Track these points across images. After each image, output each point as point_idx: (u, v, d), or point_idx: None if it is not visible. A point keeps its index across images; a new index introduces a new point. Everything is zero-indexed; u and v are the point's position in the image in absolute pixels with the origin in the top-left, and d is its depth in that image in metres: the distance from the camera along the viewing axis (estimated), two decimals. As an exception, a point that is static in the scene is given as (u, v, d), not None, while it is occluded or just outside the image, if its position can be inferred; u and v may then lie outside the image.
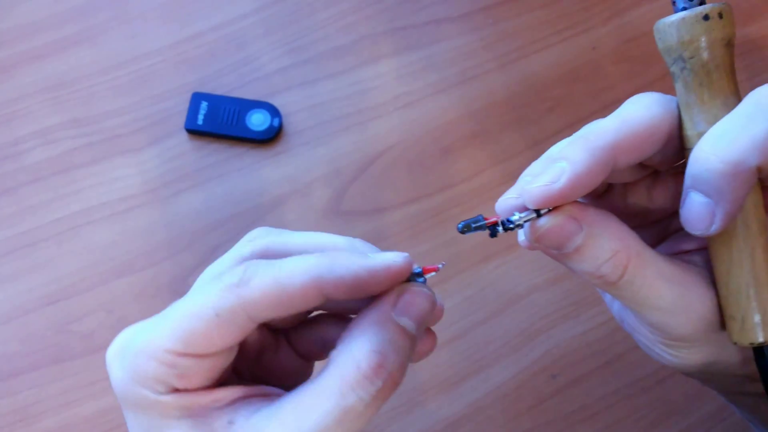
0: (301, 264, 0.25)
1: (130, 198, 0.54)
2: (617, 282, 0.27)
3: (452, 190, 0.56)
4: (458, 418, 0.50)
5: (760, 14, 0.62)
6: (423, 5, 0.60)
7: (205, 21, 0.59)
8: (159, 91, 0.57)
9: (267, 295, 0.24)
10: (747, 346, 0.28)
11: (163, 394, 0.25)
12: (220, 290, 0.25)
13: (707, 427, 0.50)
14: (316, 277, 0.24)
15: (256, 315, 0.25)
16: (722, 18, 0.26)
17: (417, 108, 0.58)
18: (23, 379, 0.49)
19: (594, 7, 0.61)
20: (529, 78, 0.59)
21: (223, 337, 0.25)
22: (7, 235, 0.53)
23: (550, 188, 0.25)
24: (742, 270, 0.27)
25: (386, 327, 0.25)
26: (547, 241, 0.27)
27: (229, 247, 0.30)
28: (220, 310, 0.25)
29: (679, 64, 0.27)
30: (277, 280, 0.25)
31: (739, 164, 0.24)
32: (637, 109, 0.27)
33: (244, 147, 0.56)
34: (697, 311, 0.28)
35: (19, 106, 0.56)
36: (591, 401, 0.51)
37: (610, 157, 0.26)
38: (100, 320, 0.51)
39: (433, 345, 0.29)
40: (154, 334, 0.25)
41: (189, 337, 0.25)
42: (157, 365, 0.25)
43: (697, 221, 0.26)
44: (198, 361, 0.25)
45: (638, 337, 0.32)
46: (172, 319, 0.25)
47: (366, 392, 0.24)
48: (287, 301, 0.25)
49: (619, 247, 0.27)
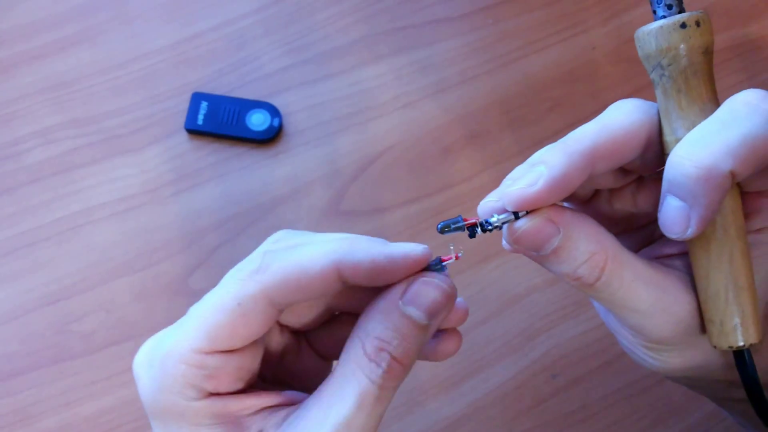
0: (322, 247, 0.25)
1: (130, 198, 0.54)
2: (594, 284, 0.27)
3: (452, 190, 0.56)
4: (458, 418, 0.50)
5: (760, 14, 0.62)
6: (423, 5, 0.60)
7: (205, 21, 0.59)
8: (159, 91, 0.57)
9: (287, 279, 0.25)
10: (726, 349, 0.28)
11: (194, 400, 0.25)
12: (240, 279, 0.25)
13: (707, 427, 0.50)
14: (336, 260, 0.25)
15: (277, 299, 0.25)
16: (700, 26, 0.26)
17: (417, 108, 0.58)
18: (23, 379, 0.49)
19: (593, 8, 0.61)
20: (529, 78, 0.59)
21: (247, 326, 0.25)
22: (7, 235, 0.53)
23: (527, 191, 0.26)
24: (721, 273, 0.27)
25: (391, 314, 0.26)
26: (525, 243, 0.27)
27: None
28: (242, 299, 0.25)
29: (658, 71, 0.27)
30: (298, 263, 0.25)
31: (713, 169, 0.24)
32: (617, 114, 0.28)
33: (244, 147, 0.56)
34: (676, 314, 0.28)
35: (19, 106, 0.56)
36: (591, 401, 0.51)
37: (588, 162, 0.26)
38: (100, 320, 0.51)
39: (456, 345, 0.29)
40: (179, 336, 0.25)
41: (213, 331, 0.25)
42: (186, 368, 0.25)
43: (673, 225, 0.26)
44: (225, 358, 0.25)
45: (621, 339, 0.32)
46: (195, 318, 0.25)
47: (374, 375, 0.25)
48: (307, 284, 0.25)
49: (595, 249, 0.27)
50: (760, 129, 0.25)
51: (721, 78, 0.60)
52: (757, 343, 0.28)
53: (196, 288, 0.52)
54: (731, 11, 0.62)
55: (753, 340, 0.28)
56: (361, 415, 0.25)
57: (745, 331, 0.27)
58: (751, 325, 0.28)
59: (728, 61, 0.61)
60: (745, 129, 0.25)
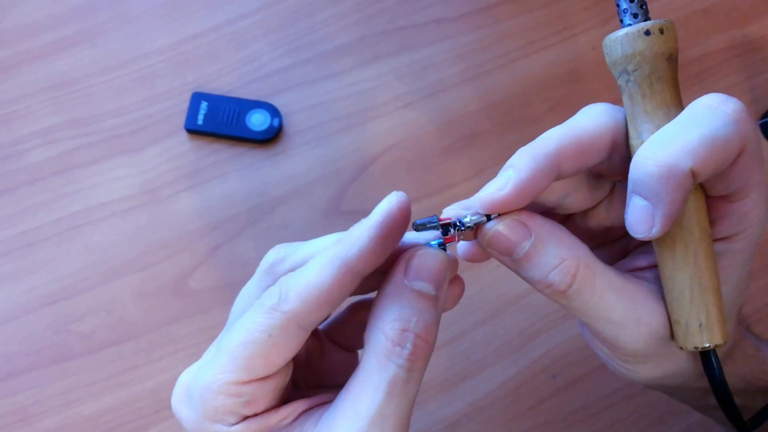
0: (323, 259, 0.26)
1: (130, 198, 0.54)
2: (566, 291, 0.27)
3: (452, 190, 0.56)
4: (458, 418, 0.50)
5: (760, 14, 0.62)
6: (423, 5, 0.60)
7: (205, 21, 0.59)
8: (159, 91, 0.57)
9: (309, 302, 0.25)
10: (692, 350, 0.28)
11: (234, 424, 0.26)
12: (266, 313, 0.26)
13: (707, 428, 0.50)
14: (341, 263, 0.25)
15: (305, 323, 0.26)
16: (663, 34, 0.27)
17: (417, 108, 0.58)
18: (23, 379, 0.49)
19: (593, 8, 0.61)
20: (529, 78, 0.59)
21: (281, 354, 0.26)
22: (7, 235, 0.53)
23: (496, 194, 0.27)
24: (685, 274, 0.28)
25: (402, 295, 0.26)
26: (498, 245, 0.28)
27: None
28: (272, 331, 0.26)
29: (624, 77, 0.28)
30: (311, 283, 0.26)
31: (673, 167, 0.25)
32: (584, 118, 0.28)
33: (244, 147, 0.56)
34: (648, 325, 0.28)
35: (19, 106, 0.56)
36: (591, 401, 0.51)
37: (554, 164, 0.27)
38: (100, 320, 0.51)
39: (461, 289, 0.30)
40: (215, 370, 0.26)
41: (249, 364, 0.26)
42: (225, 398, 0.26)
43: (639, 224, 0.27)
44: (262, 384, 0.26)
45: (596, 350, 0.32)
46: (228, 352, 0.26)
47: (401, 358, 0.25)
48: (327, 298, 0.26)
49: (567, 255, 0.27)
50: (720, 129, 0.25)
51: (721, 78, 0.60)
52: (723, 344, 0.28)
53: (196, 288, 0.52)
54: (731, 11, 0.62)
55: (718, 341, 0.28)
56: (393, 402, 0.25)
57: (710, 331, 0.28)
58: (716, 325, 0.28)
59: (728, 61, 0.61)
60: (705, 129, 0.25)
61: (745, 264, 0.29)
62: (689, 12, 0.62)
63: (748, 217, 0.28)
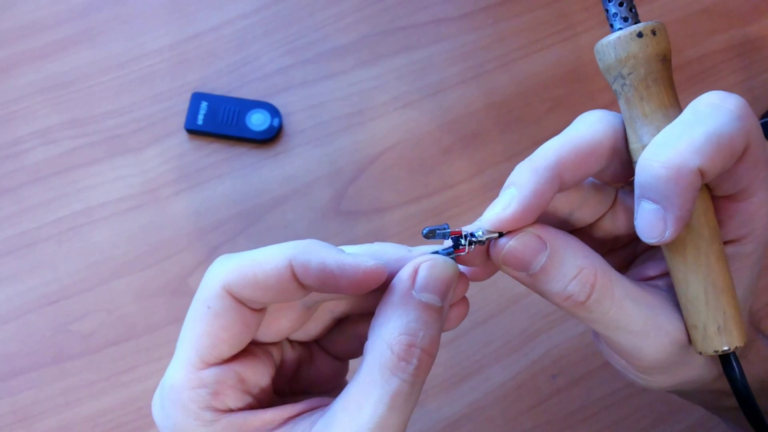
0: (277, 247, 0.26)
1: (130, 198, 0.54)
2: (586, 302, 0.27)
3: (452, 190, 0.56)
4: (458, 418, 0.50)
5: (760, 14, 0.62)
6: (423, 5, 0.60)
7: (205, 21, 0.59)
8: (159, 91, 0.57)
9: (245, 273, 0.25)
10: (711, 354, 0.28)
11: (212, 423, 0.26)
12: (204, 286, 0.26)
13: (707, 428, 0.50)
14: (290, 257, 0.25)
15: (239, 293, 0.26)
16: (656, 35, 0.27)
17: (417, 108, 0.58)
18: (23, 379, 0.49)
19: (593, 8, 0.61)
20: (529, 78, 0.59)
21: (225, 328, 0.26)
22: (7, 235, 0.53)
23: (502, 214, 0.26)
24: (699, 277, 0.27)
25: (409, 306, 0.25)
26: (512, 260, 0.27)
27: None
28: (208, 301, 0.26)
29: (619, 81, 0.28)
30: (253, 258, 0.26)
31: (681, 167, 0.25)
32: (580, 127, 0.28)
33: (244, 147, 0.56)
34: (669, 333, 0.28)
35: (19, 106, 0.56)
36: (591, 401, 0.51)
37: (555, 176, 0.27)
38: (100, 320, 0.51)
39: (465, 310, 0.29)
40: (173, 367, 0.26)
41: (197, 343, 0.26)
42: (189, 391, 0.26)
43: (651, 229, 0.26)
44: (220, 369, 0.26)
45: (612, 362, 0.31)
46: (180, 345, 0.26)
47: (406, 373, 0.25)
48: (264, 279, 0.25)
49: (584, 264, 0.27)
50: (724, 126, 0.25)
51: (721, 78, 0.60)
52: (743, 346, 0.28)
53: (196, 288, 0.52)
54: (731, 11, 0.62)
55: (738, 342, 0.27)
56: (395, 415, 0.25)
57: (729, 334, 0.27)
58: (734, 328, 0.27)
59: (728, 61, 0.61)
60: (709, 127, 0.25)
61: (755, 265, 0.29)
62: (689, 12, 0.62)
63: (756, 217, 0.27)
